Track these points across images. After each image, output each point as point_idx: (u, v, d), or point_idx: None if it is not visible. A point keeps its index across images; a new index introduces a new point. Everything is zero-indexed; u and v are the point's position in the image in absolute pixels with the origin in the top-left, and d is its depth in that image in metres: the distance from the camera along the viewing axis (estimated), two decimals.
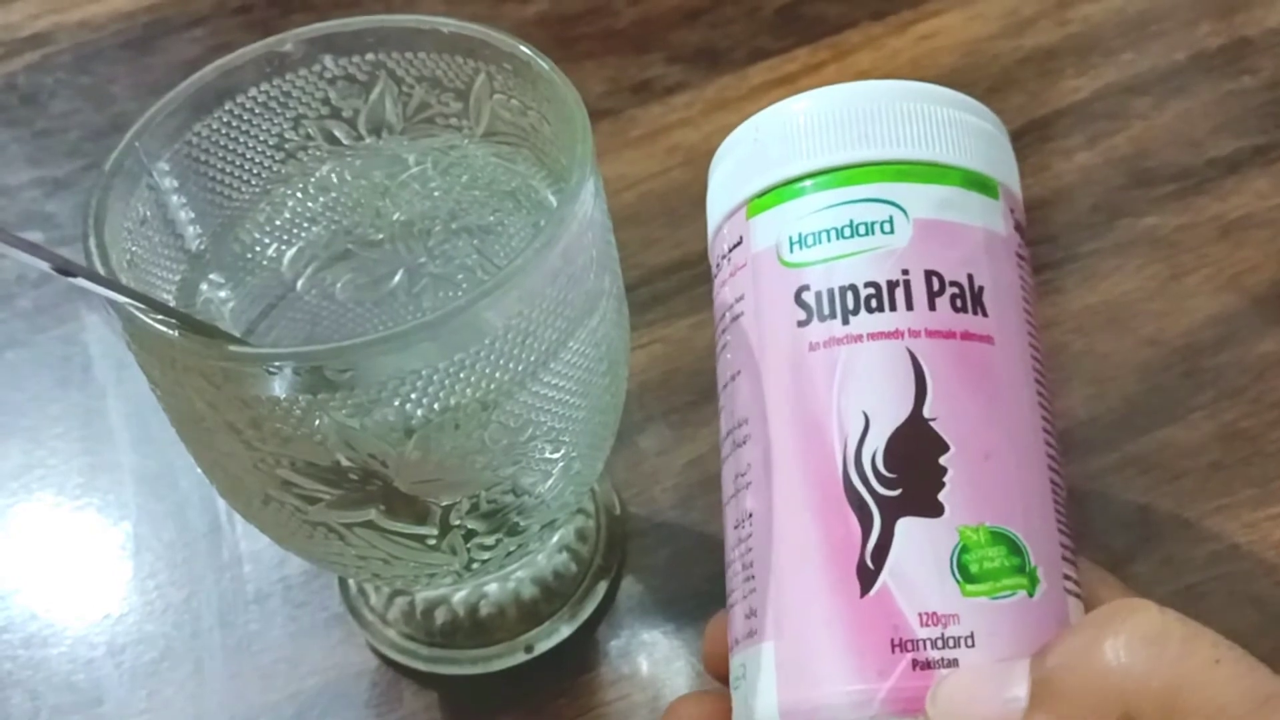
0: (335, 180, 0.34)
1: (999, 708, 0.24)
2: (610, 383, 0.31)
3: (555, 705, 0.37)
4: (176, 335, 0.26)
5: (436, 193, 0.34)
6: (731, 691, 0.28)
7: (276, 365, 0.25)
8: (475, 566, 0.32)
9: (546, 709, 0.37)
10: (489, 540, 0.31)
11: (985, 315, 0.28)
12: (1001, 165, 0.30)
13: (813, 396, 0.27)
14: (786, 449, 0.27)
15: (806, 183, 0.29)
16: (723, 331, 0.31)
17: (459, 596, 0.38)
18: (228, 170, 0.32)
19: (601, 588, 0.38)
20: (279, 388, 0.26)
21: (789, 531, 0.27)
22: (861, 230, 0.28)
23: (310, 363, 0.26)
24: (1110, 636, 0.23)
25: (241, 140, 0.32)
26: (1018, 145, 0.32)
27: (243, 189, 0.33)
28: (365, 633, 0.38)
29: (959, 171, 0.29)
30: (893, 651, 0.25)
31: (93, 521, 0.43)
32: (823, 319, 0.28)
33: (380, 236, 0.33)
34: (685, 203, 0.49)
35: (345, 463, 0.27)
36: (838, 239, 0.28)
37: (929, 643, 0.25)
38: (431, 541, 0.30)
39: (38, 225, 0.52)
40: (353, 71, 0.32)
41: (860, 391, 0.27)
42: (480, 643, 0.37)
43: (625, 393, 0.34)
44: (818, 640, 0.26)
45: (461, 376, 0.27)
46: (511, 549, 0.32)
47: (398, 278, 0.33)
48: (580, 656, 0.38)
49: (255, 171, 0.33)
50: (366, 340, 0.25)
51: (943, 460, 0.26)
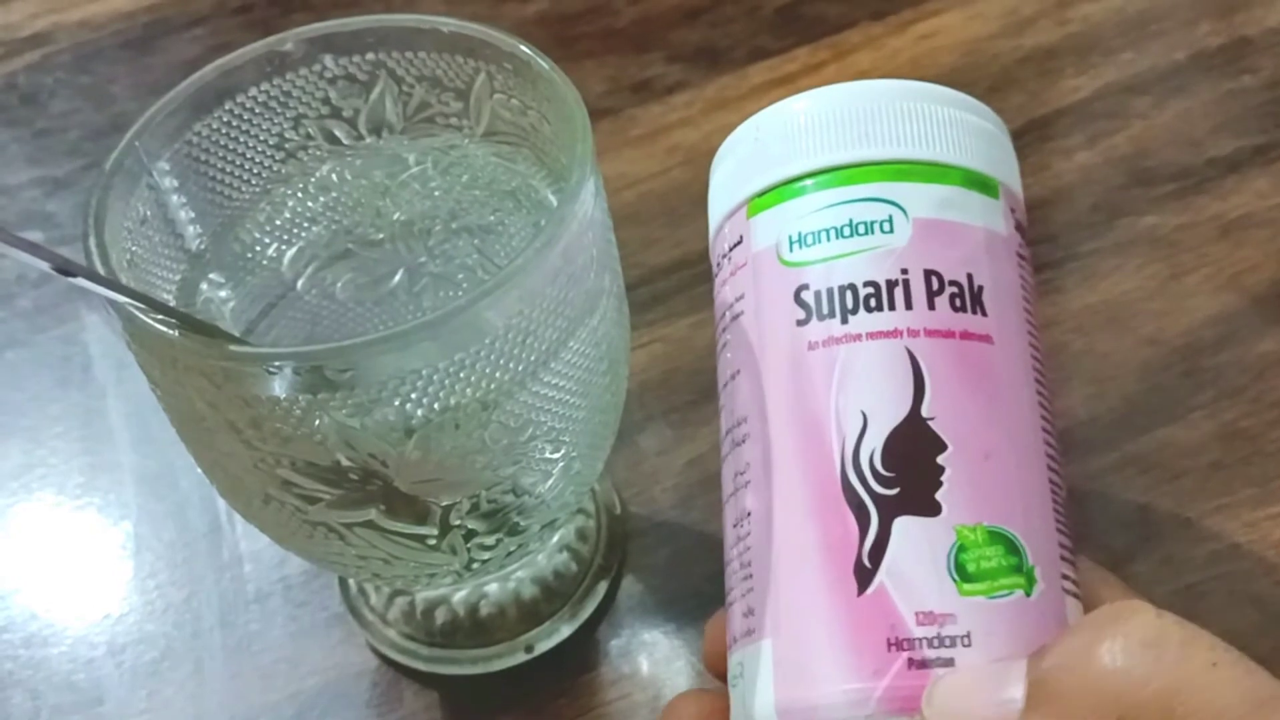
0: (335, 180, 0.34)
1: (995, 708, 0.24)
2: (610, 382, 0.31)
3: (556, 705, 0.37)
4: (176, 335, 0.26)
5: (437, 192, 0.34)
6: (730, 689, 0.28)
7: (276, 365, 0.25)
8: (475, 566, 0.32)
9: (547, 709, 0.37)
10: (489, 540, 0.31)
11: (985, 315, 0.28)
12: (1002, 165, 0.30)
13: (811, 395, 0.27)
14: (785, 448, 0.27)
15: (806, 182, 0.29)
16: (723, 331, 0.31)
17: (459, 596, 0.38)
18: (228, 170, 0.32)
19: (602, 587, 0.38)
20: (279, 387, 0.26)
21: (787, 530, 0.27)
22: (861, 230, 0.28)
23: (310, 362, 0.26)
24: (1107, 639, 0.23)
25: (241, 140, 0.32)
26: (1018, 145, 0.32)
27: (243, 189, 0.33)
28: (365, 633, 0.38)
29: (959, 171, 0.29)
30: (889, 650, 0.25)
31: (93, 521, 0.43)
32: (822, 318, 0.28)
33: (380, 236, 0.33)
34: (685, 202, 0.49)
35: (345, 462, 0.27)
36: (837, 238, 0.28)
37: (925, 642, 0.25)
38: (432, 541, 0.30)
39: (38, 225, 0.52)
40: (353, 71, 0.32)
41: (859, 390, 0.27)
42: (480, 643, 0.37)
43: (625, 392, 0.34)
44: (815, 639, 0.26)
45: (462, 376, 0.27)
46: (512, 549, 0.32)
47: (398, 277, 0.33)
48: (581, 656, 0.38)
49: (255, 171, 0.33)
50: (367, 340, 0.25)
51: (940, 459, 0.26)
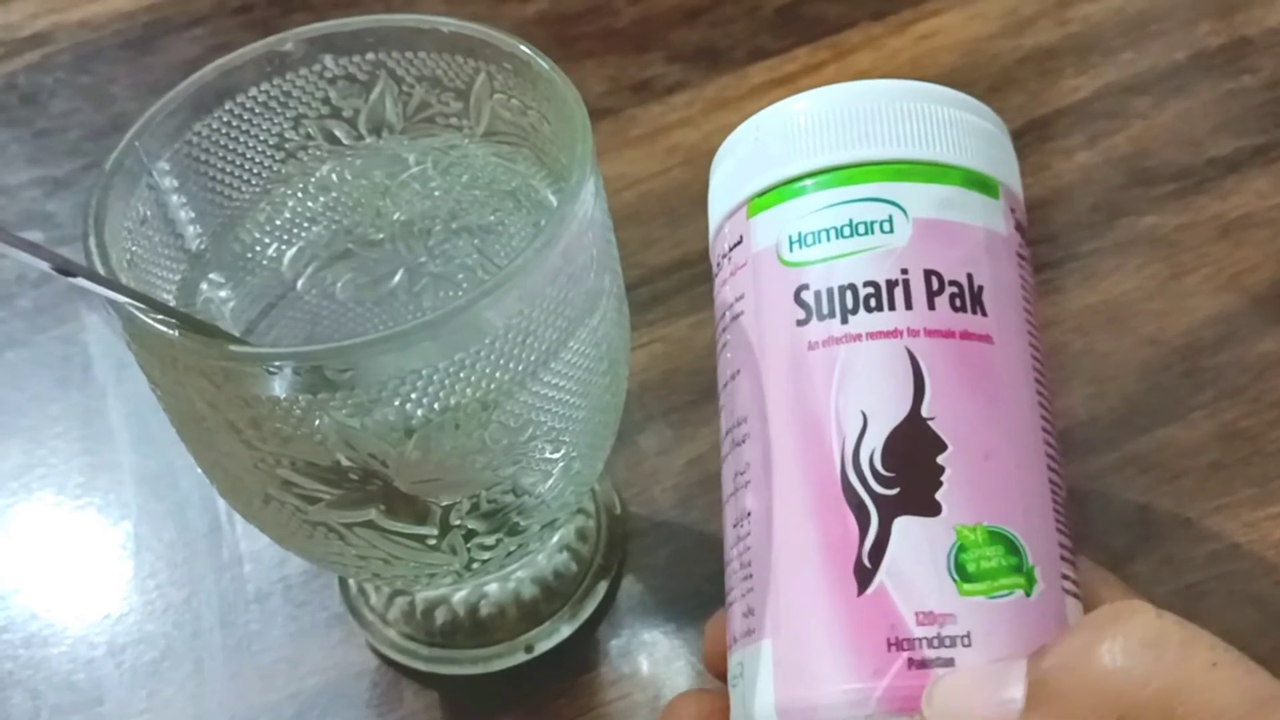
0: (335, 180, 0.34)
1: (995, 709, 0.24)
2: (610, 382, 0.31)
3: (556, 705, 0.37)
4: (176, 335, 0.26)
5: (437, 192, 0.34)
6: (730, 689, 0.28)
7: (277, 365, 0.25)
8: (475, 566, 0.32)
9: (547, 709, 0.37)
10: (489, 540, 0.31)
11: (984, 315, 0.28)
12: (1002, 165, 0.30)
13: (811, 395, 0.27)
14: (785, 448, 0.27)
15: (807, 182, 0.29)
16: (723, 330, 0.31)
17: (459, 596, 0.38)
18: (228, 170, 0.32)
19: (602, 587, 0.38)
20: (279, 387, 0.26)
21: (787, 530, 0.27)
22: (861, 230, 0.28)
23: (310, 362, 0.26)
24: (1107, 639, 0.23)
25: (241, 140, 0.32)
26: (1018, 145, 0.32)
27: (243, 189, 0.33)
28: (365, 633, 0.38)
29: (959, 171, 0.29)
30: (889, 650, 0.25)
31: (93, 521, 0.43)
32: (822, 318, 0.28)
33: (380, 236, 0.33)
34: (685, 202, 0.49)
35: (345, 462, 0.27)
36: (837, 238, 0.28)
37: (925, 642, 0.25)
38: (432, 541, 0.30)
39: (38, 225, 0.52)
40: (353, 71, 0.32)
41: (859, 390, 0.27)
42: (480, 643, 0.37)
43: (625, 392, 0.34)
44: (815, 639, 0.26)
45: (462, 376, 0.27)
46: (512, 549, 0.32)
47: (398, 277, 0.33)
48: (581, 656, 0.38)
49: (255, 171, 0.33)
50: (367, 340, 0.25)
51: (940, 459, 0.26)
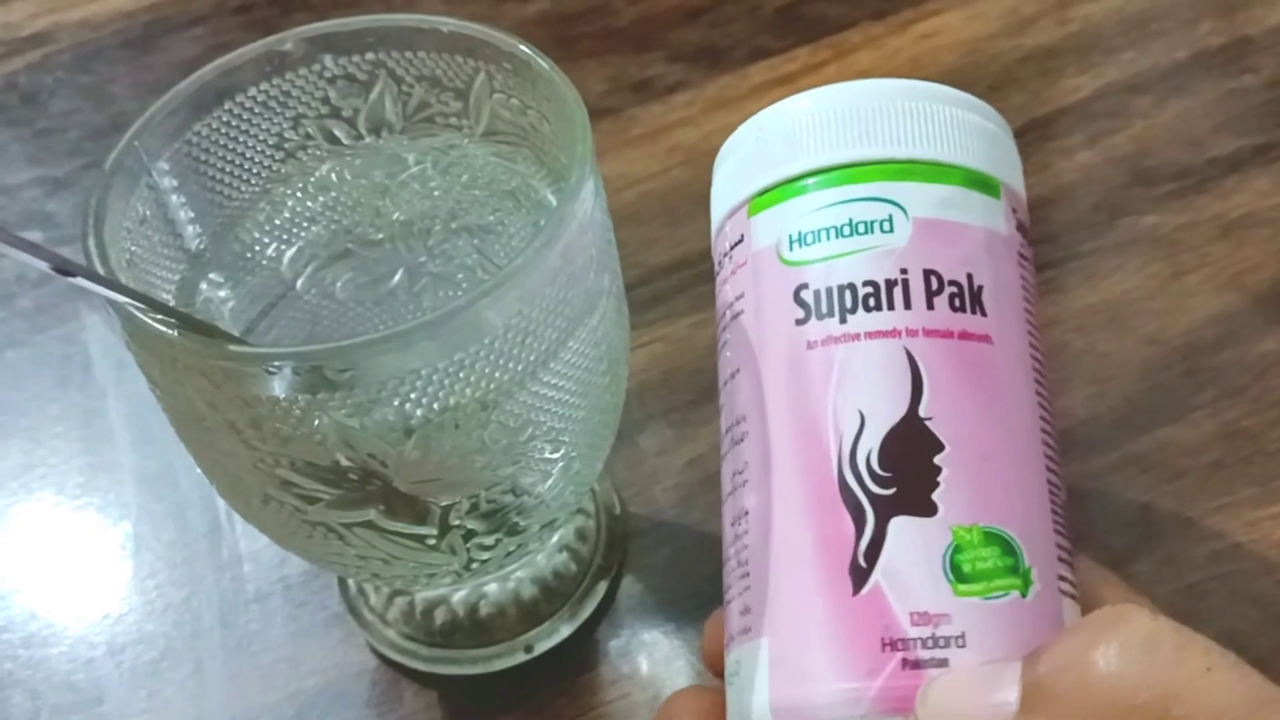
0: (335, 180, 0.34)
1: (989, 710, 0.24)
2: (610, 382, 0.31)
3: (555, 705, 0.37)
4: (176, 335, 0.26)
5: (436, 192, 0.33)
6: (726, 687, 0.28)
7: (276, 365, 0.25)
8: (475, 566, 0.32)
9: (546, 709, 0.37)
10: (488, 540, 0.31)
11: (984, 315, 0.28)
12: (1004, 165, 0.30)
13: (810, 395, 0.27)
14: (783, 447, 0.27)
15: (807, 181, 0.29)
16: (723, 329, 0.31)
17: (459, 596, 0.38)
18: (227, 170, 0.32)
19: (601, 587, 0.38)
20: (279, 387, 0.26)
21: (784, 529, 0.27)
22: (861, 229, 0.28)
23: (310, 362, 0.26)
24: (1102, 644, 0.23)
25: (241, 140, 0.32)
26: (1018, 144, 0.32)
27: (242, 188, 0.33)
28: (365, 633, 0.38)
29: (960, 171, 0.29)
30: (883, 650, 0.25)
31: (93, 521, 0.43)
32: (821, 317, 0.28)
33: (380, 236, 0.33)
34: (685, 202, 0.49)
35: (345, 462, 0.27)
36: (837, 238, 0.28)
37: (919, 642, 0.25)
38: (431, 541, 0.30)
39: (38, 224, 0.52)
40: (352, 71, 0.32)
41: (856, 390, 0.27)
42: (480, 643, 0.37)
43: (625, 392, 0.34)
44: (810, 638, 0.26)
45: (461, 376, 0.27)
46: (511, 549, 0.32)
47: (398, 277, 0.33)
48: (580, 656, 0.38)
49: (255, 171, 0.33)
50: (366, 340, 0.25)
51: (937, 460, 0.26)
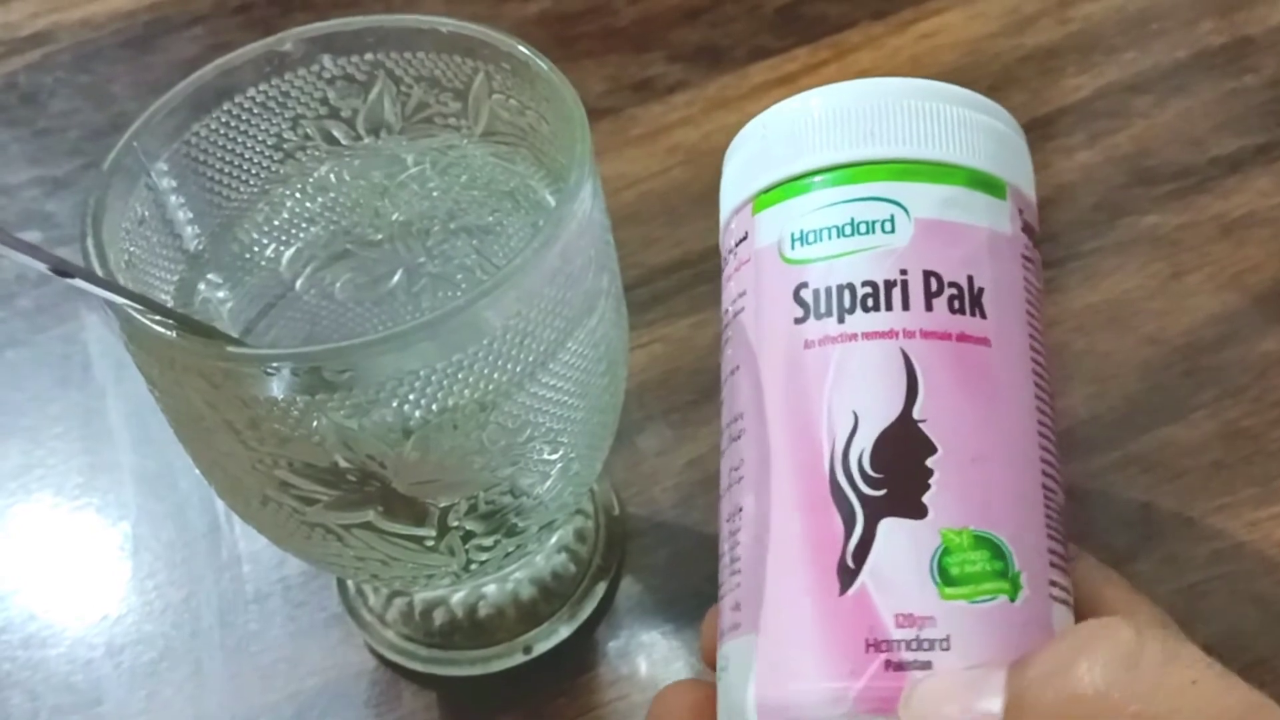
0: (334, 180, 0.34)
1: (972, 717, 0.24)
2: (609, 383, 0.31)
3: (554, 706, 0.37)
4: (174, 336, 0.26)
5: (435, 193, 0.33)
6: (716, 682, 0.28)
7: (275, 366, 0.25)
8: (474, 568, 0.32)
9: (545, 710, 0.37)
10: (487, 541, 0.31)
11: (984, 317, 0.28)
12: (1011, 165, 0.30)
13: (806, 394, 0.27)
14: (778, 445, 0.27)
15: (810, 180, 0.29)
16: (725, 326, 0.31)
17: (457, 597, 0.38)
18: (226, 170, 0.32)
19: (600, 588, 0.38)
20: (277, 388, 0.26)
21: (775, 527, 0.27)
22: (862, 229, 0.28)
23: (308, 363, 0.25)
24: (1087, 657, 0.23)
25: (240, 140, 0.32)
26: None
27: (241, 189, 0.33)
28: (364, 633, 0.38)
29: (964, 171, 0.29)
30: (867, 651, 0.25)
31: (92, 521, 0.43)
32: (819, 317, 0.28)
33: (379, 236, 0.33)
34: (685, 202, 0.49)
35: (343, 464, 0.27)
36: (838, 237, 0.28)
37: (903, 644, 0.25)
38: (430, 543, 0.30)
39: (37, 224, 0.52)
40: (351, 71, 0.32)
41: (852, 391, 0.27)
42: (479, 643, 0.37)
43: (624, 393, 0.33)
44: (796, 636, 0.26)
45: (460, 377, 0.27)
46: (510, 550, 0.32)
47: (397, 278, 0.33)
48: (579, 657, 0.38)
49: (254, 171, 0.33)
50: (365, 341, 0.25)
51: (929, 462, 0.26)
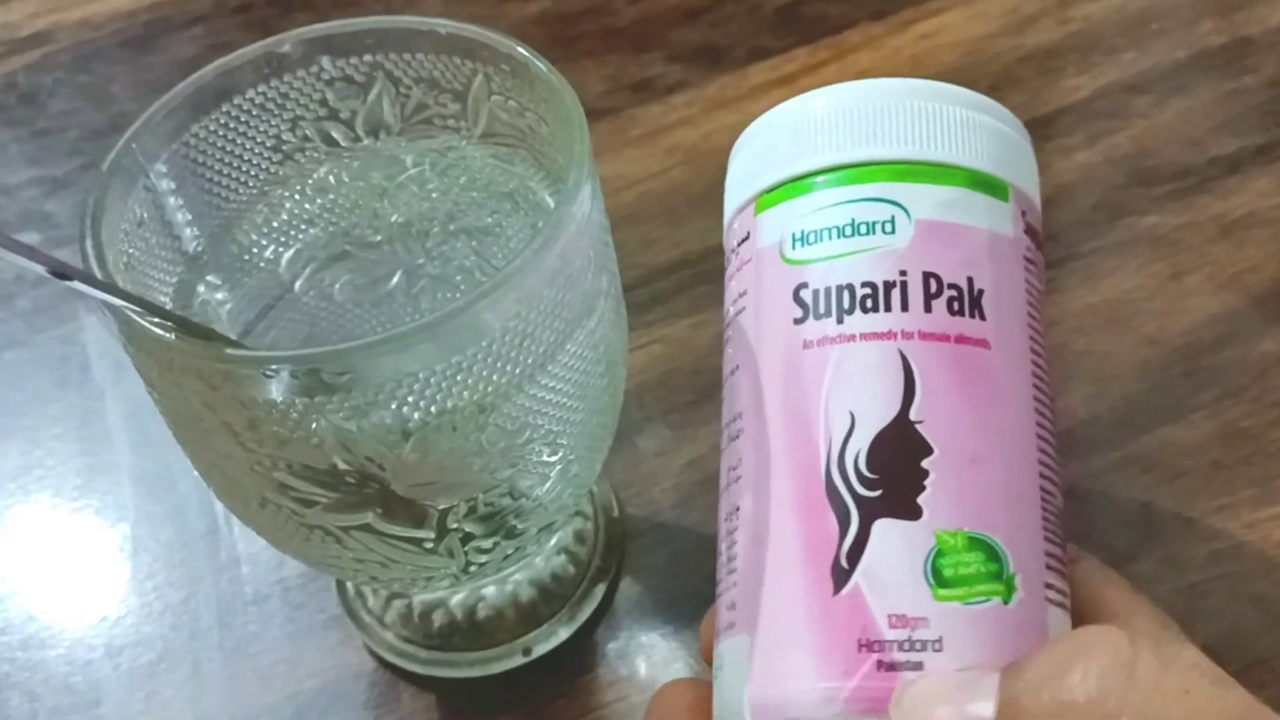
0: (333, 181, 0.34)
1: None
2: (608, 384, 0.31)
3: (554, 707, 0.37)
4: (173, 338, 0.26)
5: (434, 194, 0.33)
6: (713, 681, 0.28)
7: (273, 368, 0.25)
8: (473, 569, 0.32)
9: (545, 711, 0.37)
10: (486, 543, 0.31)
11: (983, 319, 0.28)
12: (1015, 167, 0.30)
13: (804, 394, 0.27)
14: (775, 445, 0.27)
15: (812, 180, 0.29)
16: (727, 326, 0.31)
17: (457, 599, 0.38)
18: (225, 171, 0.32)
19: (600, 590, 0.38)
20: (276, 390, 0.26)
21: (771, 527, 0.27)
22: (863, 230, 0.28)
23: (307, 365, 0.25)
24: (1080, 666, 0.23)
25: (239, 141, 0.32)
26: None
27: (240, 190, 0.33)
28: (363, 635, 0.38)
29: (965, 172, 0.29)
30: (859, 651, 0.25)
31: (91, 523, 0.43)
32: (818, 317, 0.28)
33: (378, 238, 0.33)
34: (684, 202, 0.48)
35: (342, 465, 0.27)
36: (839, 238, 0.28)
37: (895, 644, 0.25)
38: (429, 544, 0.30)
39: (36, 225, 0.52)
40: (350, 73, 0.32)
41: (849, 391, 0.27)
42: (478, 645, 0.37)
43: (623, 394, 0.33)
44: (790, 636, 0.26)
45: (459, 379, 0.26)
46: (509, 552, 0.32)
47: (396, 279, 0.33)
48: (578, 659, 0.37)
49: (253, 173, 0.33)
50: (364, 343, 0.25)
51: (925, 463, 0.26)
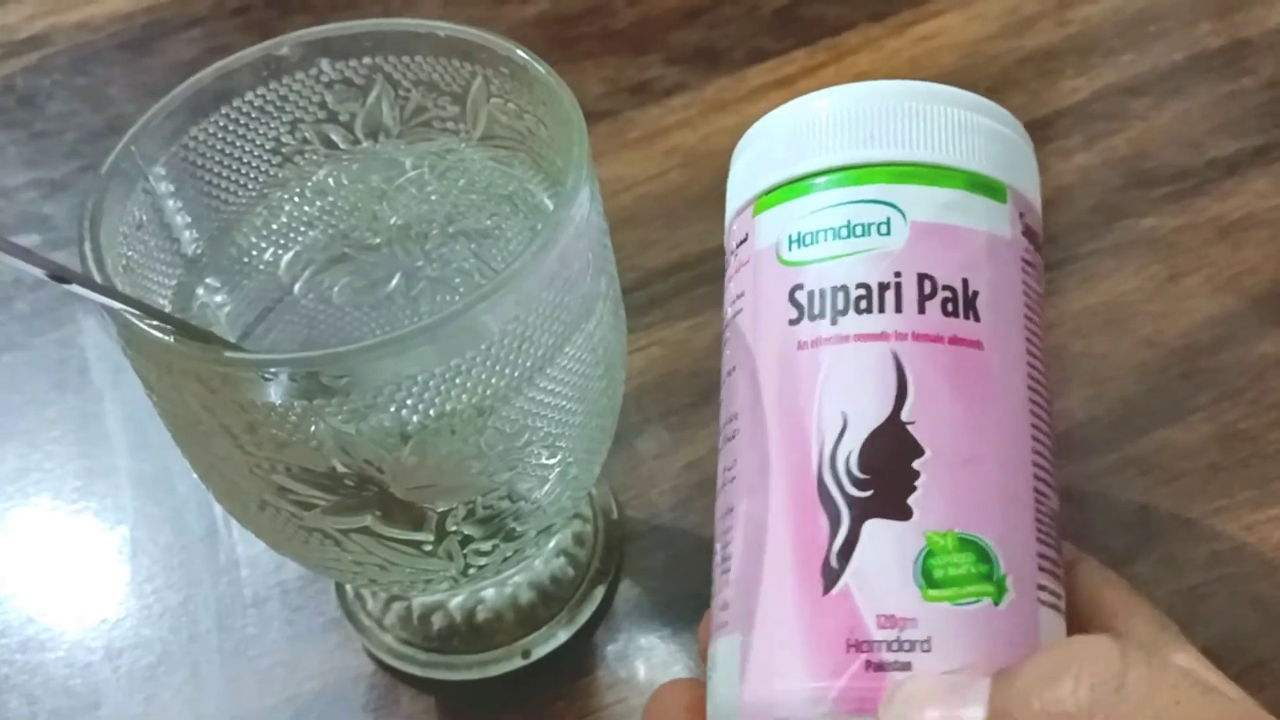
0: (332, 184, 0.34)
1: None
2: (607, 386, 0.31)
3: (553, 710, 0.37)
4: (172, 341, 0.26)
5: (433, 196, 0.33)
6: (707, 680, 0.28)
7: (272, 371, 0.25)
8: (472, 572, 0.32)
9: (544, 713, 0.37)
10: (485, 546, 0.31)
11: (977, 320, 0.28)
12: (1014, 168, 0.30)
13: (797, 395, 0.27)
14: (769, 446, 0.27)
15: (810, 182, 0.29)
16: (725, 327, 0.31)
17: (456, 602, 0.38)
18: (224, 174, 0.32)
19: (599, 592, 0.38)
20: (275, 393, 0.26)
21: (763, 527, 0.27)
22: (859, 231, 0.28)
23: (306, 368, 0.25)
24: (1071, 677, 0.23)
25: (238, 144, 0.32)
26: None
27: (239, 193, 0.33)
28: (362, 637, 0.38)
29: (963, 174, 0.29)
30: (847, 651, 0.25)
31: (90, 525, 0.43)
32: (813, 318, 0.28)
33: (377, 240, 0.33)
34: (683, 204, 0.48)
35: (341, 468, 0.27)
36: (835, 239, 0.28)
37: (884, 644, 0.25)
38: (428, 547, 0.30)
39: (35, 227, 0.52)
40: (349, 75, 0.32)
41: (841, 392, 0.27)
42: (477, 648, 0.37)
43: (622, 396, 0.33)
44: (780, 635, 0.26)
45: (458, 382, 0.27)
46: (508, 554, 0.32)
47: (395, 281, 0.33)
48: (578, 661, 0.37)
49: (252, 175, 0.33)
50: (363, 346, 0.25)
51: (916, 464, 0.26)
